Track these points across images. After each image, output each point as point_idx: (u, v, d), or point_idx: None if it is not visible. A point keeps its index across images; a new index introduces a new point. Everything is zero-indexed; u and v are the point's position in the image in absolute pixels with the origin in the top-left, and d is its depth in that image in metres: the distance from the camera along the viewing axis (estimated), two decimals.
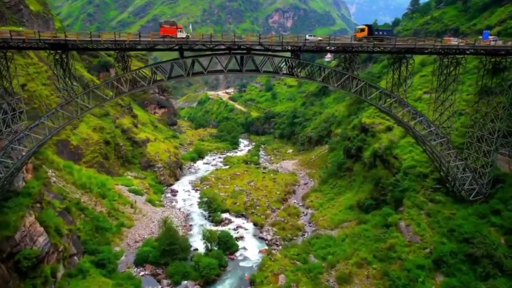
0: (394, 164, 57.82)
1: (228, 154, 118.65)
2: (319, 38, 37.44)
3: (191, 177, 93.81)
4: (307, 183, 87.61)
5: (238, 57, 38.00)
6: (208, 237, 55.36)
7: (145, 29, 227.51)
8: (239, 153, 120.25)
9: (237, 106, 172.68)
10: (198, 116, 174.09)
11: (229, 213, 70.51)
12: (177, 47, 35.25)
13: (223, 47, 36.70)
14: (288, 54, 40.16)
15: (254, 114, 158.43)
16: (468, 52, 40.06)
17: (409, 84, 40.51)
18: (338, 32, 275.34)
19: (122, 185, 76.62)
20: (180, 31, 36.15)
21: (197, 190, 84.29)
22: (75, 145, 74.30)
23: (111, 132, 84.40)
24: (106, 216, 60.87)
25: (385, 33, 40.79)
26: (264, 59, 38.59)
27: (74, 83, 37.09)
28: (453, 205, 44.80)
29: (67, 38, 31.93)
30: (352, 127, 75.55)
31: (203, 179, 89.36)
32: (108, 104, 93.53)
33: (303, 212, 71.16)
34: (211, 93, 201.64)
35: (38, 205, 45.42)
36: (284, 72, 39.41)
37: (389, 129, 66.20)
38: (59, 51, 33.98)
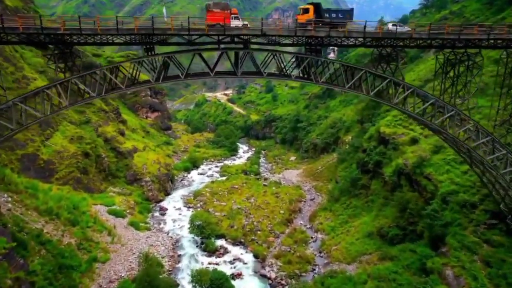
0: (427, 187, 45.96)
1: (226, 162, 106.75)
2: (408, 28, 25.73)
3: (184, 191, 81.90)
4: (313, 199, 75.79)
5: (232, 53, 26.10)
6: (197, 280, 43.62)
7: None
8: (237, 161, 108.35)
9: (236, 108, 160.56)
10: (195, 119, 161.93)
11: (225, 239, 58.66)
12: (138, 39, 23.23)
13: (209, 39, 24.75)
14: (293, 49, 28.47)
15: (254, 117, 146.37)
16: None
17: (473, 92, 28.76)
18: None
19: (101, 204, 64.70)
20: (235, 17, 24.46)
21: (189, 207, 72.48)
22: (45, 160, 62.24)
23: (91, 142, 72.30)
24: (74, 250, 48.87)
25: (340, 15, 28.80)
26: (268, 57, 26.68)
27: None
28: None
29: None
30: (368, 137, 63.56)
31: (196, 194, 77.44)
32: (89, 109, 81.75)
33: (312, 237, 59.42)
34: (208, 95, 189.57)
35: None
36: (297, 76, 27.37)
37: (414, 141, 54.34)
38: None
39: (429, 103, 27.42)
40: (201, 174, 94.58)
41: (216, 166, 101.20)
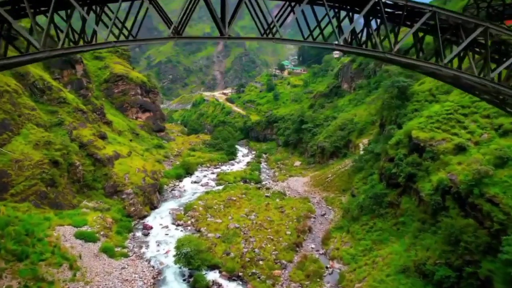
0: (492, 214, 32.77)
1: (223, 167, 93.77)
2: None
3: (173, 204, 68.82)
4: (325, 214, 62.63)
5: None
6: None
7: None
8: (236, 166, 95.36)
9: (235, 108, 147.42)
10: (192, 120, 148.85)
11: (219, 272, 45.46)
12: None
13: None
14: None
15: (254, 117, 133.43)
16: None
17: None
18: None
19: (70, 225, 51.33)
20: None
21: (178, 225, 59.42)
22: None
23: (62, 147, 58.90)
24: None
25: None
26: (283, 10, 13.47)
27: None
28: None
29: None
30: (395, 142, 50.20)
31: (187, 208, 64.22)
32: (63, 109, 68.48)
33: (327, 267, 46.26)
34: (206, 94, 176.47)
35: None
36: (337, 42, 14.13)
37: (461, 149, 41.13)
38: None
39: None
40: (195, 182, 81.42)
41: (212, 173, 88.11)
